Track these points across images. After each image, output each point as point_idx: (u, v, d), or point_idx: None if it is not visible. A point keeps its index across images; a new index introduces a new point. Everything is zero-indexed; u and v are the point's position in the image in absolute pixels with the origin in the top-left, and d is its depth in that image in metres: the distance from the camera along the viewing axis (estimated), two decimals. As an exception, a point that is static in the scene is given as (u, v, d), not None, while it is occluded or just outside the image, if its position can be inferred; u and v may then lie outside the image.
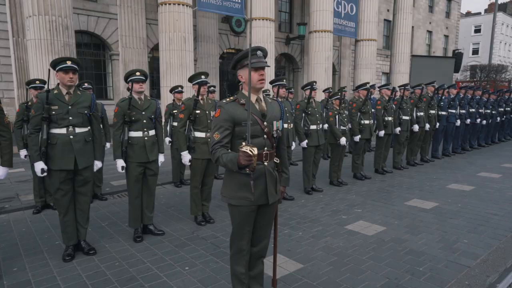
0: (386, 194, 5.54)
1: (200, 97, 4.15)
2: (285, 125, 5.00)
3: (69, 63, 3.28)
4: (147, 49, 14.87)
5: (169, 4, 11.07)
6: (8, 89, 12.28)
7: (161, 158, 3.98)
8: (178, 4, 11.13)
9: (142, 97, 3.78)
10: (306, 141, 5.43)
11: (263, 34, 13.23)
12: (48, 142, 3.25)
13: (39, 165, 3.22)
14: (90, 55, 14.35)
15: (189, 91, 9.13)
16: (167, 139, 6.21)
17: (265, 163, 2.27)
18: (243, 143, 2.01)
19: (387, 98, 6.77)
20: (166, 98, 9.99)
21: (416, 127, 7.35)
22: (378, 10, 17.71)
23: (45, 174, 3.27)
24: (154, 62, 14.58)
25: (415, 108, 7.47)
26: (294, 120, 5.47)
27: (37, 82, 4.75)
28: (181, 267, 3.21)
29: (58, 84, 3.37)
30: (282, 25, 19.83)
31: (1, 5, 11.94)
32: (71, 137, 3.30)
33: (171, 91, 6.23)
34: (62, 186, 3.33)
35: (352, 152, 6.58)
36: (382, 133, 6.63)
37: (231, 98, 2.33)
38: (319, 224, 4.24)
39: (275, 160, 2.38)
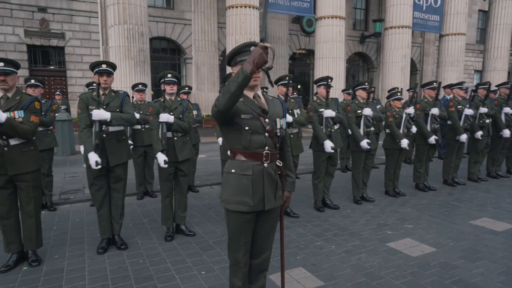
0: (449, 210, 4.80)
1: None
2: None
3: (104, 66, 3.47)
4: (218, 52, 15.44)
5: (236, 7, 11.28)
6: (98, 92, 13.84)
7: None
8: (245, 7, 11.29)
9: (173, 98, 3.83)
10: (367, 140, 4.90)
11: (332, 33, 12.76)
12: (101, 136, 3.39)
13: (93, 157, 3.24)
14: (167, 59, 15.42)
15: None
16: (220, 139, 6.26)
17: (265, 164, 2.08)
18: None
19: (460, 98, 5.89)
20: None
21: (507, 132, 6.18)
22: (469, 0, 15.80)
23: (99, 166, 3.30)
24: (224, 64, 15.02)
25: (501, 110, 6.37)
26: (348, 123, 5.04)
27: (94, 84, 5.15)
28: (198, 271, 3.16)
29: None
30: (357, 23, 18.90)
31: (96, 18, 13.50)
32: (104, 135, 3.48)
33: (220, 91, 6.28)
34: (96, 181, 3.52)
35: (414, 159, 5.87)
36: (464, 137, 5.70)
37: None
38: (358, 238, 3.83)
39: (277, 163, 2.17)
